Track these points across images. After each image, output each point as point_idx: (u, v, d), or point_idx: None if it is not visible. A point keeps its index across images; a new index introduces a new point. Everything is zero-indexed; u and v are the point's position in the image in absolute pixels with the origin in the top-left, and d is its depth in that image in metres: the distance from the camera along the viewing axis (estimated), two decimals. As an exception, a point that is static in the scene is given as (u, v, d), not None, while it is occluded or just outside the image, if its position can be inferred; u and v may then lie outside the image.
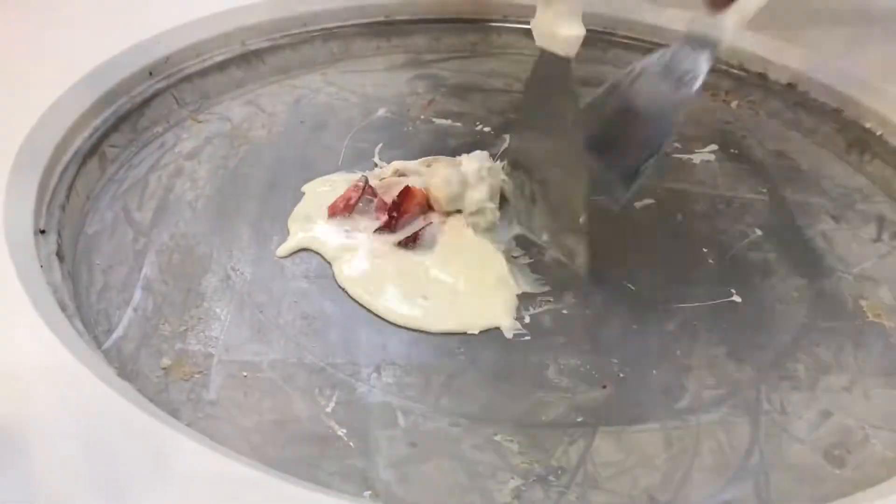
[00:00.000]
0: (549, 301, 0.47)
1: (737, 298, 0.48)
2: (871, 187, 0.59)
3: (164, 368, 0.41)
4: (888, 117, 0.60)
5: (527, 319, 0.46)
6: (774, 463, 0.39)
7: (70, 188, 0.50)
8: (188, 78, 0.63)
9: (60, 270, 0.45)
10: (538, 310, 0.46)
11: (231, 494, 0.31)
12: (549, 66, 0.46)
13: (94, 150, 0.54)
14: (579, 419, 0.40)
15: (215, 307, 0.45)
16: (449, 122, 0.64)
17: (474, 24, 0.75)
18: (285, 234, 0.51)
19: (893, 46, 0.69)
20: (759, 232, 0.54)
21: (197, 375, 0.41)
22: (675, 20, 0.70)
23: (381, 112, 0.64)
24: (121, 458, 0.32)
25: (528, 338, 0.45)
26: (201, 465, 0.32)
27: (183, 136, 0.60)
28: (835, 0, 0.76)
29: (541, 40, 0.46)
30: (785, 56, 0.67)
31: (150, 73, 0.61)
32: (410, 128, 0.63)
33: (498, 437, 0.39)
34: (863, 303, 0.49)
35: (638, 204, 0.55)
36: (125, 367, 0.41)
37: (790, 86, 0.66)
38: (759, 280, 0.50)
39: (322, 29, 0.71)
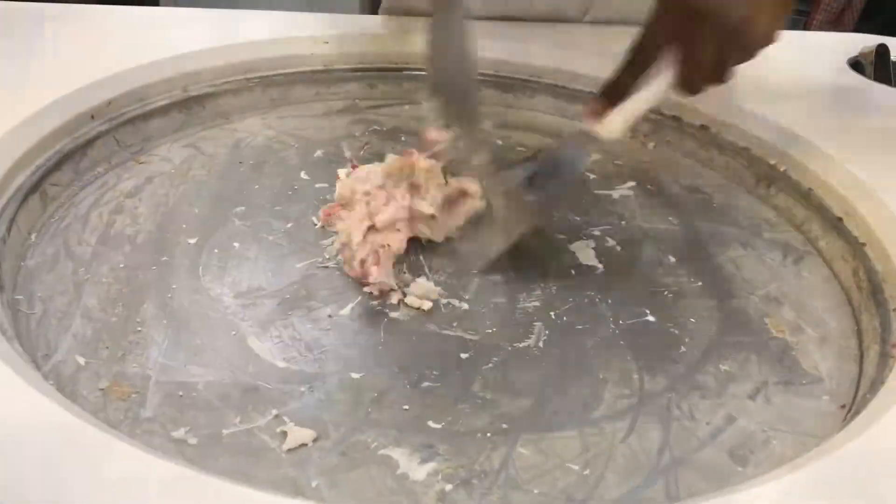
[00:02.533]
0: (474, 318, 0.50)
1: (651, 318, 0.52)
2: (777, 218, 0.64)
3: (101, 389, 0.42)
4: (792, 155, 0.65)
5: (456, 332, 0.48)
6: (683, 463, 0.41)
7: (11, 223, 0.52)
8: (130, 121, 0.65)
9: (0, 300, 0.46)
10: (464, 332, 0.49)
11: (166, 493, 0.33)
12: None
13: (35, 187, 0.55)
14: (503, 426, 0.42)
15: (153, 333, 0.47)
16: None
17: (408, 72, 0.78)
18: (223, 264, 0.53)
19: (796, 90, 0.74)
20: (672, 259, 0.57)
21: (134, 395, 0.42)
22: (595, 67, 0.74)
23: (318, 153, 0.67)
24: (61, 466, 0.33)
25: (460, 354, 0.47)
26: (137, 469, 0.34)
27: (124, 176, 0.62)
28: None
29: None
30: (697, 101, 0.72)
31: (93, 117, 0.63)
32: (346, 167, 0.65)
33: (424, 447, 0.41)
34: (767, 320, 0.52)
35: (561, 235, 0.58)
36: (64, 389, 0.42)
37: (703, 127, 0.71)
38: (671, 301, 0.53)
39: (262, 77, 0.74)
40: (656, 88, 0.52)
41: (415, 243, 0.55)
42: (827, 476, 0.36)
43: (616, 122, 0.53)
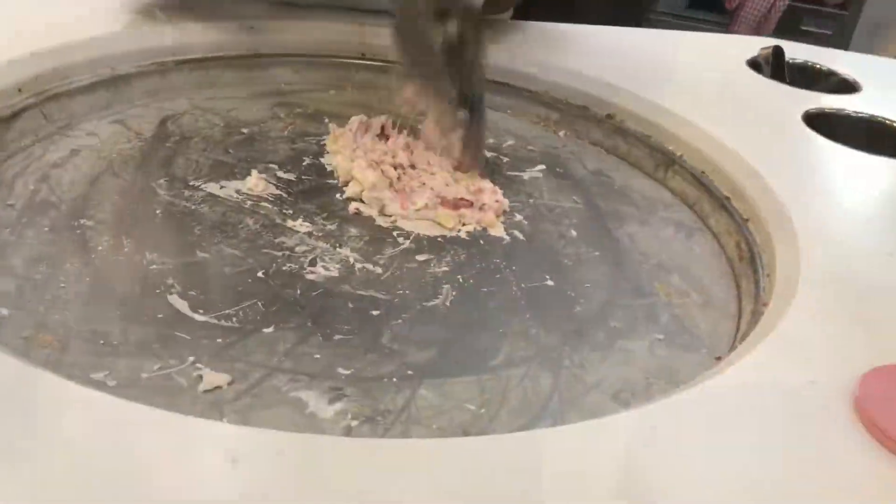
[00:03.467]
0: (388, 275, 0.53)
1: (550, 283, 0.56)
2: (673, 199, 0.69)
3: (24, 338, 0.44)
4: (688, 142, 0.70)
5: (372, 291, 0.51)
6: (570, 405, 0.45)
7: (-64, 186, 0.53)
8: (56, 97, 0.67)
9: (-76, 255, 0.47)
10: (376, 292, 0.52)
11: (92, 416, 0.35)
12: None
13: (-40, 154, 0.57)
14: (408, 373, 0.46)
15: (75, 288, 0.49)
16: (307, 140, 0.70)
17: (335, 59, 0.82)
18: (146, 229, 0.55)
19: (693, 81, 0.80)
20: (574, 233, 0.62)
21: (56, 343, 0.44)
22: (512, 59, 0.79)
23: (244, 131, 0.70)
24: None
25: (371, 312, 0.50)
26: (62, 398, 0.36)
27: (50, 149, 0.63)
28: (643, 41, 0.87)
29: None
30: (604, 92, 0.77)
31: (20, 90, 0.64)
32: (270, 145, 0.68)
33: (333, 389, 0.44)
34: (657, 286, 0.57)
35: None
36: (-14, 336, 0.44)
37: (609, 116, 0.76)
38: (570, 269, 0.57)
39: (190, 59, 0.76)
40: None
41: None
42: (681, 407, 0.41)
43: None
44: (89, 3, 0.80)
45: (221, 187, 0.61)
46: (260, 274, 0.53)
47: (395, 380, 0.45)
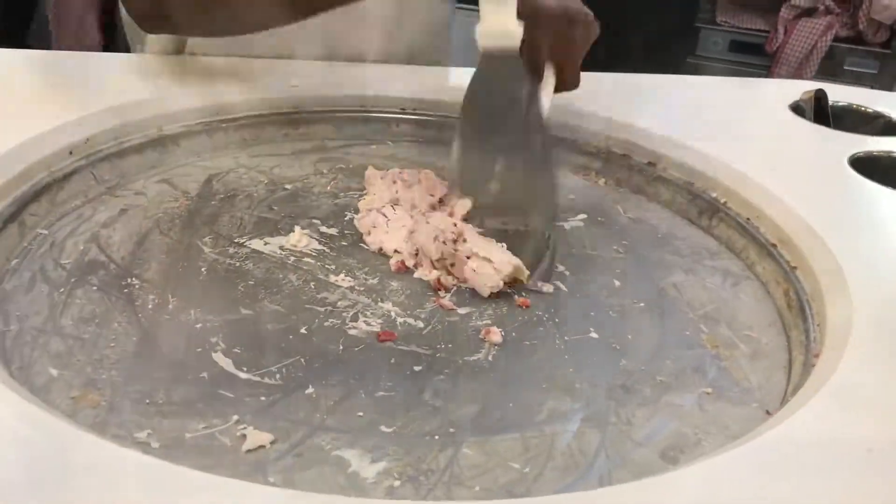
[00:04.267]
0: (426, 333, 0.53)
1: (594, 335, 0.55)
2: (718, 247, 0.68)
3: (72, 398, 0.45)
4: (731, 188, 0.69)
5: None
6: (617, 463, 0.44)
7: (-10, 248, 0.55)
8: (106, 158, 0.69)
9: (-22, 317, 0.49)
10: (418, 347, 0.52)
11: (137, 480, 0.35)
12: (498, 62, 0.55)
13: (13, 216, 0.59)
14: (450, 430, 0.45)
15: (123, 347, 0.49)
16: (349, 195, 0.70)
17: (375, 114, 0.83)
18: (191, 288, 0.56)
19: (736, 127, 0.79)
20: (617, 283, 0.61)
21: (103, 403, 0.45)
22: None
23: (288, 188, 0.71)
24: (35, 458, 0.36)
25: (414, 367, 0.50)
26: (106, 460, 0.36)
27: (99, 209, 0.65)
28: (686, 89, 0.87)
29: (489, 41, 0.55)
30: (645, 140, 0.76)
31: (71, 152, 0.66)
32: (313, 200, 0.69)
33: (375, 448, 0.44)
34: (703, 337, 0.56)
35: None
36: (37, 397, 0.44)
37: (650, 164, 0.75)
38: (615, 320, 0.57)
39: (234, 118, 0.78)
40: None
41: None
42: (736, 463, 0.39)
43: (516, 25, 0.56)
44: (134, 68, 0.82)
45: (265, 244, 0.62)
46: (303, 330, 0.53)
47: (437, 437, 0.45)
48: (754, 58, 2.11)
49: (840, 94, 0.93)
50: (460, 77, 0.84)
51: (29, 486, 0.34)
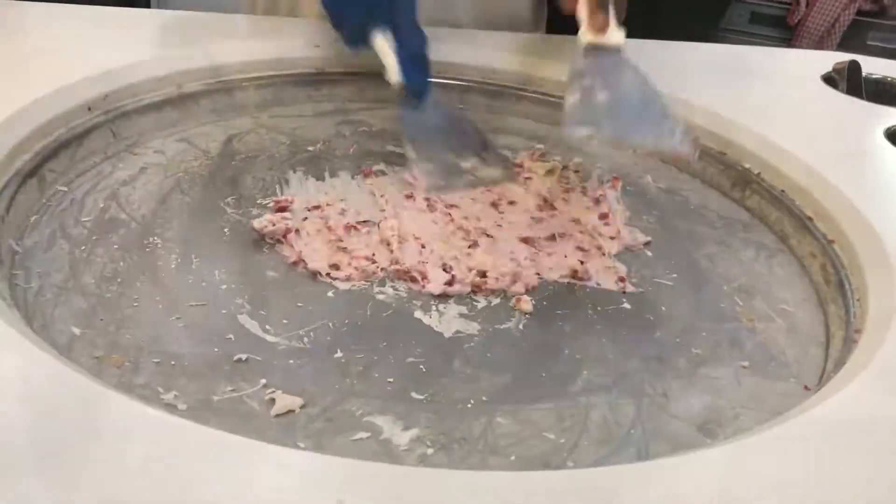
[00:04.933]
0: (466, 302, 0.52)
1: (627, 306, 0.54)
2: (751, 219, 0.66)
3: (96, 357, 0.44)
4: (766, 160, 0.68)
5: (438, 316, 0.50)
6: (654, 435, 0.43)
7: (10, 203, 0.53)
8: (126, 115, 0.67)
9: (-3, 273, 0.47)
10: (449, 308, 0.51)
11: (164, 440, 0.34)
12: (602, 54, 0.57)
13: (33, 172, 0.57)
14: (483, 398, 0.44)
15: (146, 308, 0.48)
16: (372, 157, 0.69)
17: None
18: (214, 248, 0.54)
19: (768, 97, 0.77)
20: (649, 254, 0.60)
21: (127, 364, 0.44)
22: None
23: (310, 149, 0.69)
24: (60, 415, 0.35)
25: (442, 335, 0.49)
26: (133, 420, 0.35)
27: (119, 166, 0.63)
28: (716, 58, 0.85)
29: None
30: (676, 108, 0.74)
31: (90, 108, 0.64)
32: (336, 163, 0.67)
33: (407, 414, 0.42)
34: (738, 310, 0.54)
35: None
36: (60, 356, 0.43)
37: (681, 133, 0.73)
38: (648, 292, 0.55)
39: (255, 77, 0.76)
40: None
41: (401, 232, 0.57)
42: (778, 440, 0.38)
43: (617, 30, 0.58)
44: (156, 24, 0.80)
45: (288, 205, 0.60)
46: (330, 294, 0.52)
47: (470, 405, 0.44)
48: (775, 30, 2.08)
49: (872, 66, 0.91)
50: (481, 41, 0.82)
51: (56, 444, 0.33)
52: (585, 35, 0.58)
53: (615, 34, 0.57)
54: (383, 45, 0.61)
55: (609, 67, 0.57)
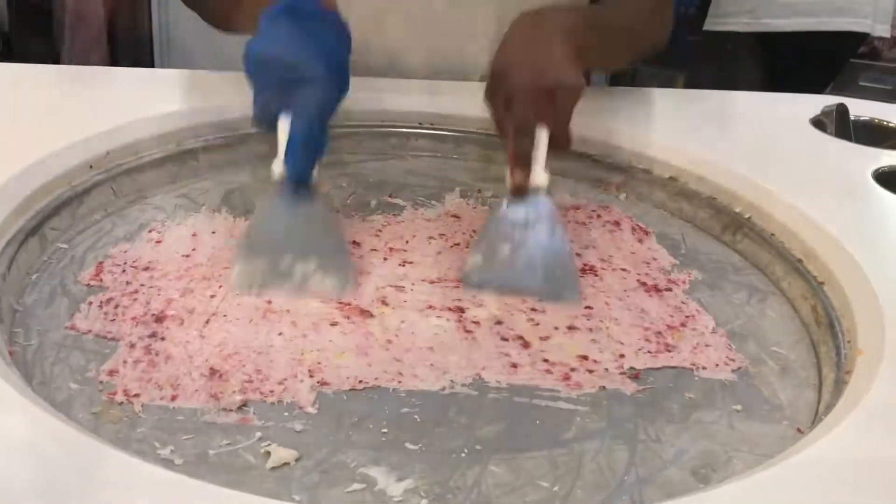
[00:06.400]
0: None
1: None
2: (743, 262, 0.67)
3: (94, 413, 0.45)
4: (756, 203, 0.69)
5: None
6: (648, 481, 0.43)
7: (11, 262, 0.54)
8: (126, 172, 0.69)
9: (-2, 332, 0.48)
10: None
11: (161, 497, 0.35)
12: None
13: (35, 230, 0.58)
14: (477, 447, 0.45)
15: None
16: (368, 208, 0.70)
17: (392, 129, 0.82)
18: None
19: (757, 141, 0.79)
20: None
21: (125, 419, 0.44)
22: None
23: (306, 202, 0.70)
24: (58, 473, 0.35)
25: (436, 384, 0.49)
26: (131, 475, 0.36)
27: (119, 223, 0.65)
28: (706, 104, 0.87)
29: None
30: (666, 154, 0.76)
31: (91, 167, 0.66)
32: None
33: (402, 465, 0.43)
34: (731, 353, 0.55)
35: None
36: (58, 413, 0.44)
37: (672, 179, 0.75)
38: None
39: (252, 132, 0.77)
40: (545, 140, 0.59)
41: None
42: (771, 483, 0.39)
43: (541, 172, 0.59)
44: (153, 82, 0.82)
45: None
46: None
47: (464, 454, 0.44)
48: (768, 74, 2.10)
49: (860, 108, 0.92)
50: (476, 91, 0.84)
51: (54, 502, 0.34)
52: (508, 180, 0.60)
53: (539, 176, 0.59)
54: (281, 129, 0.56)
55: (521, 218, 0.59)
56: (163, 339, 0.51)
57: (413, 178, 0.77)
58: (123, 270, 0.57)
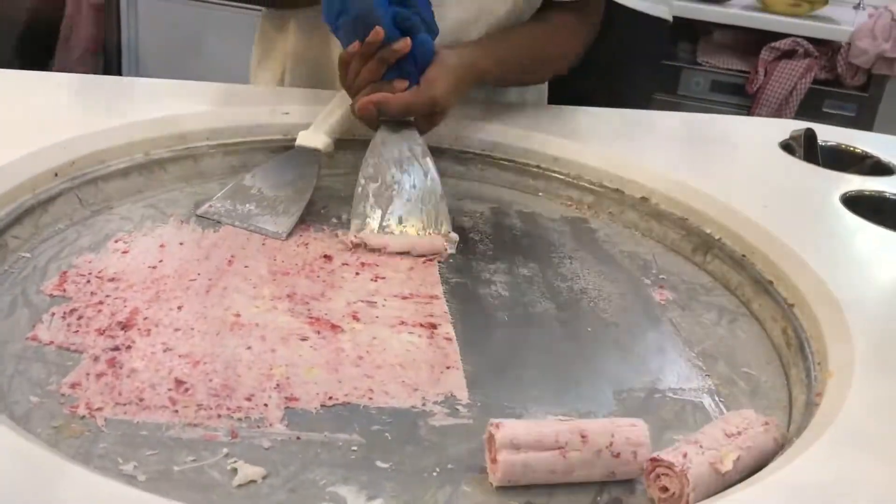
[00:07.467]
0: (424, 371, 0.51)
1: (592, 370, 0.54)
2: (713, 283, 0.67)
3: (55, 427, 0.43)
4: (726, 225, 0.69)
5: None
6: (623, 491, 0.43)
7: (-30, 271, 0.53)
8: (92, 181, 0.67)
9: (-44, 342, 0.47)
10: (414, 378, 0.51)
11: (115, 517, 0.34)
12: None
13: (-4, 238, 0.57)
14: (449, 466, 0.44)
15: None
16: (339, 226, 0.69)
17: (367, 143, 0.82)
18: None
19: (728, 163, 0.79)
20: (615, 319, 0.60)
21: (87, 433, 0.43)
22: (544, 143, 0.79)
23: (276, 215, 0.70)
24: (16, 488, 0.34)
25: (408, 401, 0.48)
26: (92, 492, 0.35)
27: (84, 233, 0.63)
28: (677, 126, 0.88)
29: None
30: (638, 174, 0.76)
31: (56, 175, 0.64)
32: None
33: (372, 484, 0.42)
34: (702, 374, 0.55)
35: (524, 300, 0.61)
36: (17, 426, 0.42)
37: (643, 199, 0.75)
38: (613, 356, 0.56)
39: (222, 143, 0.77)
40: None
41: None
42: None
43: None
44: (124, 91, 0.81)
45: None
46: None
47: (435, 474, 0.43)
48: (735, 98, 2.14)
49: (827, 133, 0.93)
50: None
51: (9, 522, 0.32)
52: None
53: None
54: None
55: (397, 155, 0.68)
56: (128, 350, 0.49)
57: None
58: (88, 281, 0.56)
